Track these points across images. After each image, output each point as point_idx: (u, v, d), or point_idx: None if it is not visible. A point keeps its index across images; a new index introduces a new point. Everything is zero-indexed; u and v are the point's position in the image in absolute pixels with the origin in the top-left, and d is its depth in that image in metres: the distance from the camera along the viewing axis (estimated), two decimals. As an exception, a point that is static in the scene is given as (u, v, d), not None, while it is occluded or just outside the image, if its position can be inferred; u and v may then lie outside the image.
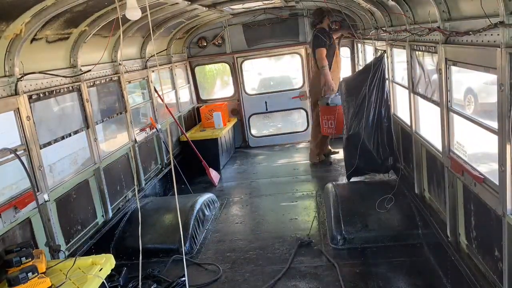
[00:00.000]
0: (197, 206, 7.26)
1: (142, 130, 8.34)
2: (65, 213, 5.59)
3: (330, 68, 9.47)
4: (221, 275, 5.77)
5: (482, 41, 3.55)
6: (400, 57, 7.05)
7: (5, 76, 4.68)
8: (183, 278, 5.27)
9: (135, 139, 7.84)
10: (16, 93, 4.75)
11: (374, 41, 8.28)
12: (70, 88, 5.97)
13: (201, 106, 11.62)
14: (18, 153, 4.57)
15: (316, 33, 9.51)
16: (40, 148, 5.08)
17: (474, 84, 11.13)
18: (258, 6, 10.17)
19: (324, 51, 9.37)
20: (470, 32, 3.71)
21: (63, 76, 5.78)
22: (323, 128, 9.61)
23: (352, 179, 8.18)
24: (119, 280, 4.86)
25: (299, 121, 13.26)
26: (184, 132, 10.12)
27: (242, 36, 11.61)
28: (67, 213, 5.67)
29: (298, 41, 11.63)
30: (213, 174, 9.65)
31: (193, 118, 11.79)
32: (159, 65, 9.74)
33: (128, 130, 7.76)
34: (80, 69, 6.15)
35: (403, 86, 6.71)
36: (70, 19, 5.41)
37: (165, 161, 9.27)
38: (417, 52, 5.78)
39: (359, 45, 10.50)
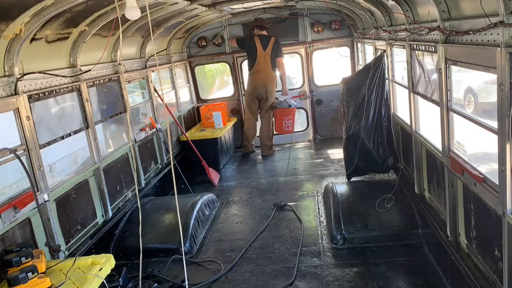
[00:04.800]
0: (197, 206, 7.26)
1: (142, 130, 8.34)
2: (65, 213, 5.59)
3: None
4: (221, 275, 5.78)
5: (482, 40, 3.55)
6: (400, 57, 7.06)
7: (4, 76, 4.67)
8: (184, 283, 5.26)
9: (135, 139, 7.83)
10: (15, 93, 4.75)
11: (374, 40, 8.28)
12: (70, 88, 5.97)
13: (201, 106, 11.60)
14: (18, 153, 4.56)
15: (278, 41, 10.80)
16: (40, 148, 5.08)
17: (474, 84, 11.12)
18: (258, 5, 10.16)
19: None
20: (470, 32, 3.71)
21: (63, 76, 5.77)
22: (282, 128, 11.08)
23: (352, 179, 8.18)
24: (119, 280, 4.86)
25: (299, 121, 13.24)
26: (184, 132, 10.11)
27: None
28: (67, 213, 5.66)
29: (298, 40, 11.61)
30: (213, 174, 9.65)
31: (193, 118, 11.78)
32: (159, 65, 9.74)
33: (128, 130, 7.75)
34: (80, 69, 6.15)
35: (403, 86, 6.72)
36: (70, 19, 5.41)
37: (165, 161, 9.26)
38: (417, 52, 5.78)
39: (359, 44, 10.50)
